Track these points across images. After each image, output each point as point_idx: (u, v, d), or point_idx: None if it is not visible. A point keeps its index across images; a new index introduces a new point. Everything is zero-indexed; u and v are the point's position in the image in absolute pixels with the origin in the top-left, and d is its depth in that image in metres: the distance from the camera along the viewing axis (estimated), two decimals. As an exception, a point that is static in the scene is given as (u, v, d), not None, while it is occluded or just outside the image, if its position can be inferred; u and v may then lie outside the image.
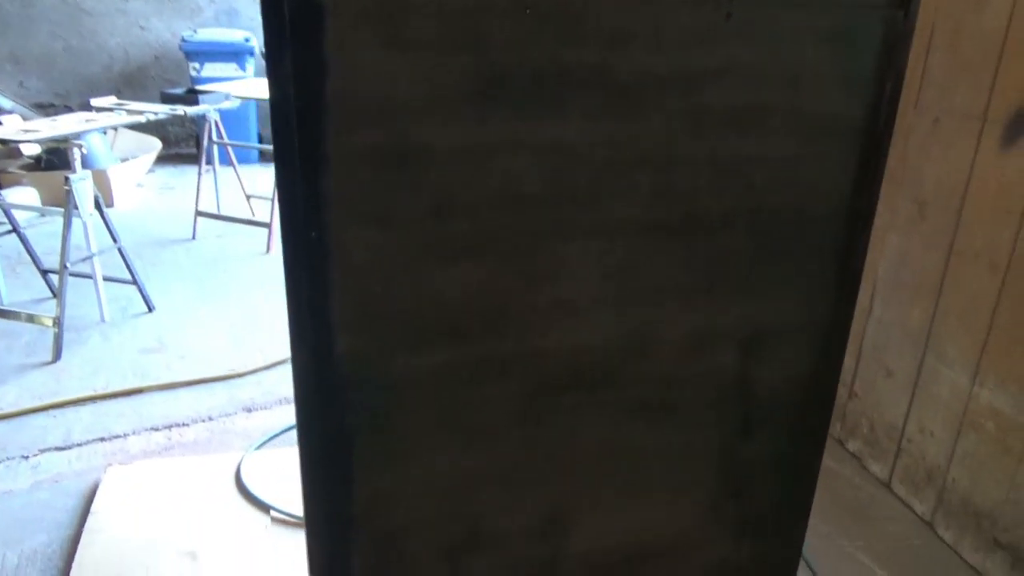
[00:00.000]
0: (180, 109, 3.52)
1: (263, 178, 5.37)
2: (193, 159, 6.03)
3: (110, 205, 4.73)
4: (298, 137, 0.66)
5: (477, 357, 0.79)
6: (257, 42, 5.91)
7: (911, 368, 2.31)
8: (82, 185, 2.99)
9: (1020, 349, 1.95)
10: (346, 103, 0.66)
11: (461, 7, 0.66)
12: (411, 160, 0.69)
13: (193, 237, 4.37)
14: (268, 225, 4.20)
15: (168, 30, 6.04)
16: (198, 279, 3.83)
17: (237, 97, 3.97)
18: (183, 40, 5.61)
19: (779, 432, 0.95)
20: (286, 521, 2.16)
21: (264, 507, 2.20)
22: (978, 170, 2.05)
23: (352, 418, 0.77)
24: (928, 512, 2.27)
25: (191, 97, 3.72)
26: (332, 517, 0.80)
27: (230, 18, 6.23)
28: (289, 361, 2.66)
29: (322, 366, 0.74)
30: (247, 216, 4.54)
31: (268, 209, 4.29)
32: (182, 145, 6.33)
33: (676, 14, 0.73)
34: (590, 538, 0.92)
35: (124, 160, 4.97)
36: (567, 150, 0.74)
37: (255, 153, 6.01)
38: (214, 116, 4.17)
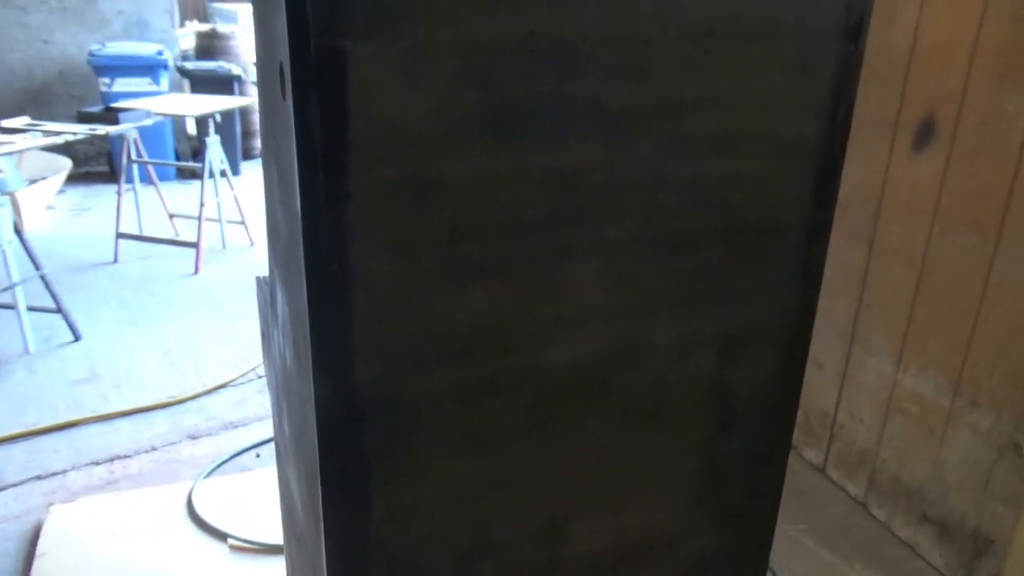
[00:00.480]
0: (101, 128, 3.40)
1: (183, 196, 5.22)
2: (106, 178, 5.81)
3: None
4: (323, 175, 0.69)
5: (486, 374, 0.83)
6: (171, 55, 5.74)
7: (839, 359, 2.47)
8: (0, 212, 2.86)
9: (938, 337, 2.12)
10: (367, 141, 0.69)
11: (472, 47, 0.71)
12: (427, 191, 0.73)
13: (115, 260, 4.22)
14: (196, 245, 4.10)
15: (73, 44, 5.79)
16: (124, 304, 3.71)
17: (159, 114, 3.86)
18: (91, 54, 5.39)
19: (753, 427, 1.03)
20: (244, 548, 2.13)
21: (221, 535, 2.16)
22: (892, 173, 2.22)
23: (371, 440, 0.80)
24: (861, 493, 2.43)
25: (110, 115, 3.59)
26: (351, 537, 0.83)
27: (140, 31, 6.03)
28: (231, 385, 2.63)
29: (344, 393, 0.76)
30: (171, 236, 4.42)
31: (194, 229, 4.18)
32: (92, 164, 6.07)
33: (662, 50, 0.79)
34: (588, 539, 0.97)
35: (33, 182, 4.74)
36: (567, 178, 0.79)
37: (172, 171, 5.83)
38: (133, 134, 4.04)
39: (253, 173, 6.33)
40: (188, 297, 3.83)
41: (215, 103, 4.41)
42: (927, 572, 2.15)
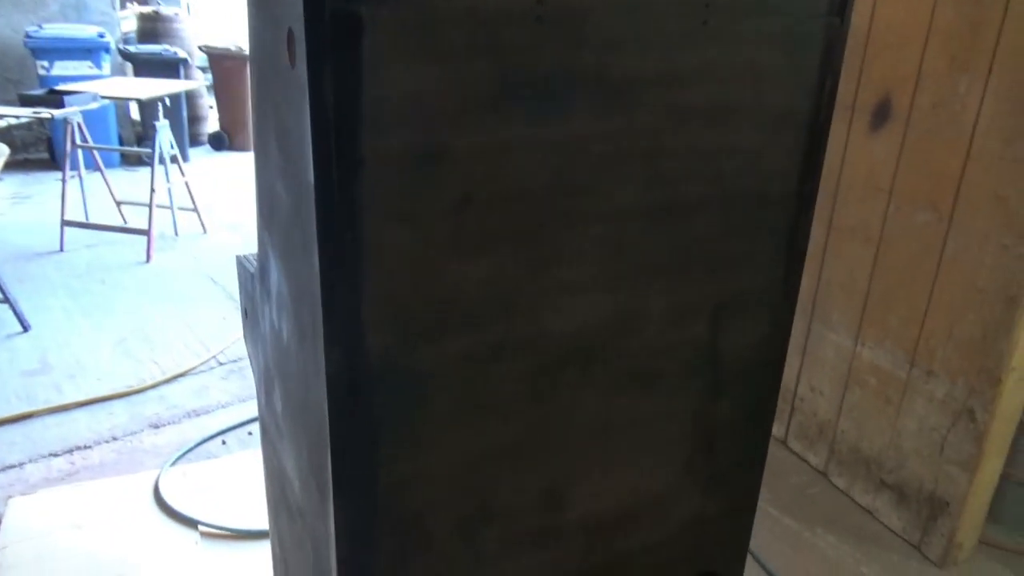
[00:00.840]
0: (45, 112, 3.27)
1: (130, 183, 5.07)
2: (45, 165, 5.60)
3: (-42, 219, 4.32)
4: (335, 144, 0.68)
5: (490, 342, 0.84)
6: (112, 38, 5.55)
7: (800, 333, 2.55)
8: (-57, 198, 2.74)
9: (894, 311, 2.21)
10: (381, 110, 0.69)
11: (482, 18, 0.71)
12: (437, 160, 0.73)
13: (61, 249, 4.08)
14: (147, 232, 3.99)
15: (8, 25, 5.55)
16: (74, 293, 3.59)
17: (106, 98, 3.73)
18: (28, 36, 5.17)
19: (742, 392, 1.06)
20: (216, 535, 2.10)
21: (191, 523, 2.13)
22: (850, 153, 2.29)
23: (380, 410, 0.80)
24: (822, 463, 2.52)
25: (54, 98, 3.46)
26: (359, 505, 0.83)
27: (79, 13, 5.81)
28: (192, 373, 2.58)
29: (354, 363, 0.76)
30: (119, 224, 4.29)
31: (143, 216, 4.07)
32: (32, 150, 5.84)
33: (661, 22, 0.81)
34: (585, 504, 1.00)
35: (-31, 169, 4.53)
36: (571, 146, 0.80)
37: (116, 157, 5.65)
38: (77, 118, 3.90)
39: (202, 159, 6.18)
40: (141, 285, 3.73)
41: (163, 86, 4.28)
42: (886, 535, 2.25)
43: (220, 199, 5.06)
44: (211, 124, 6.73)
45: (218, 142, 6.49)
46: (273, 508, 1.26)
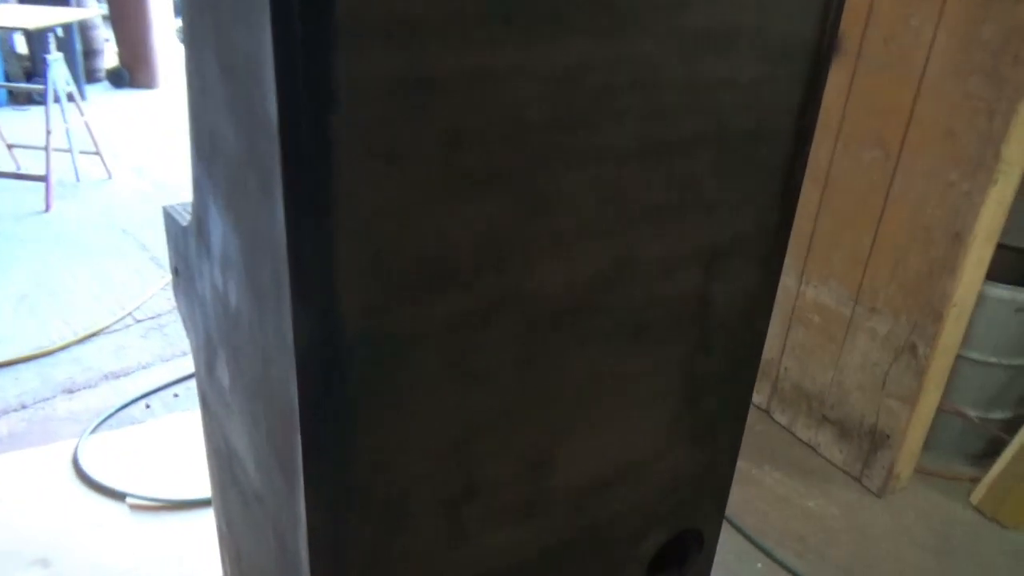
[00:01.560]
0: (-85, 43, 2.89)
1: (21, 124, 4.63)
2: (-80, 105, 5.05)
3: None
4: (303, 68, 0.56)
5: (480, 301, 0.74)
6: (-11, -39, 4.98)
7: (743, 274, 2.54)
8: None
9: (838, 251, 2.21)
10: (357, 26, 0.57)
11: (474, -86, 0.59)
12: (422, 89, 0.62)
13: (-55, 198, 3.70)
14: (44, 179, 3.65)
15: None
16: (-36, 247, 3.26)
17: (-12, 28, 3.34)
18: None
19: (729, 342, 1.00)
20: (146, 507, 1.96)
21: (117, 495, 1.98)
22: (798, 89, 2.24)
23: (355, 386, 0.70)
24: (764, 401, 2.55)
25: (-76, 28, 3.06)
26: (334, 489, 0.73)
27: (-54, -69, 5.17)
28: (107, 332, 2.38)
29: (326, 330, 0.65)
30: (13, 170, 3.91)
31: (39, 160, 3.72)
32: (-99, 88, 5.24)
33: (668, -71, 0.71)
34: (570, 470, 0.93)
35: None
36: (568, 74, 0.70)
37: (2, 94, 5.15)
38: (-46, 51, 3.49)
39: (101, 98, 5.70)
40: (41, 237, 3.42)
41: (53, 15, 3.87)
42: (827, 468, 2.30)
43: (124, 141, 4.69)
44: (108, 59, 6.20)
45: (118, 79, 6.00)
46: (218, 487, 1.15)
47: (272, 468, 0.82)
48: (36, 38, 4.69)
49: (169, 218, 1.07)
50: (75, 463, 2.07)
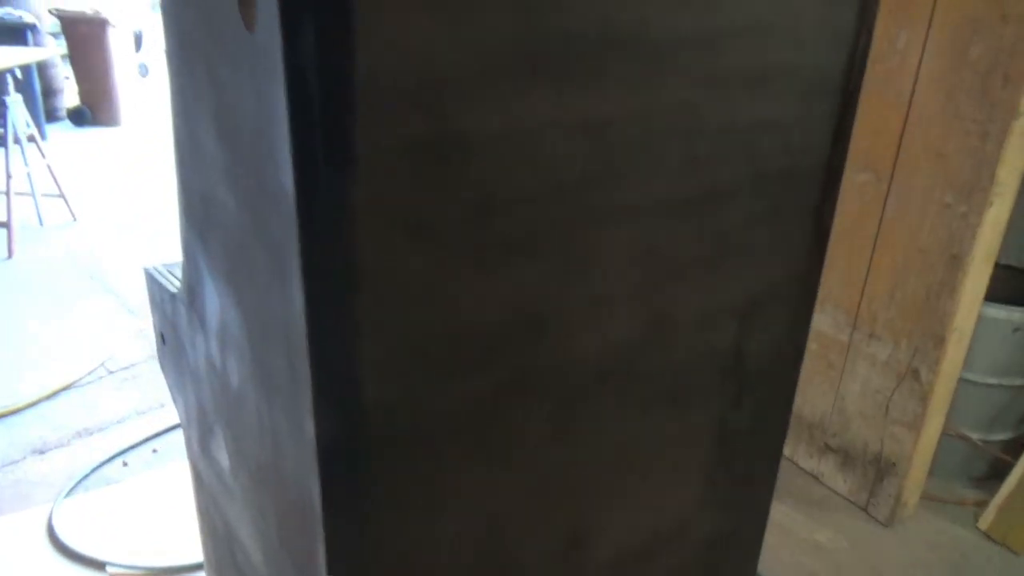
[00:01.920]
0: None
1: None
2: None
3: None
4: (321, 134, 0.49)
5: (511, 376, 0.67)
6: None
7: (736, 301, 2.50)
8: None
9: (835, 275, 2.18)
10: (379, 85, 0.50)
11: (505, -42, 0.53)
12: (451, 150, 0.55)
13: (-99, 248, 3.53)
14: (6, 224, 3.52)
15: None
16: (-78, 300, 3.11)
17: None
18: None
19: (762, 394, 0.95)
20: None
21: (96, 564, 1.86)
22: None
23: (382, 480, 0.62)
24: (764, 429, 2.49)
25: None
26: (357, 595, 0.65)
27: None
28: (77, 385, 2.25)
29: (351, 423, 0.58)
30: (-28, 216, 3.76)
31: (2, 205, 3.58)
32: None
33: (703, -32, 0.65)
34: (608, 541, 0.86)
35: None
36: (604, 126, 0.64)
37: (-41, 138, 4.98)
38: (-92, 96, 3.36)
39: (62, 137, 5.56)
40: (4, 285, 3.28)
41: (11, 56, 3.75)
42: (833, 499, 2.25)
43: (88, 181, 4.56)
44: (69, 98, 6.06)
45: (79, 117, 5.86)
46: (215, 566, 1.05)
47: (284, 563, 0.74)
48: (-6, 79, 4.55)
49: (153, 282, 0.99)
50: (50, 530, 1.95)
